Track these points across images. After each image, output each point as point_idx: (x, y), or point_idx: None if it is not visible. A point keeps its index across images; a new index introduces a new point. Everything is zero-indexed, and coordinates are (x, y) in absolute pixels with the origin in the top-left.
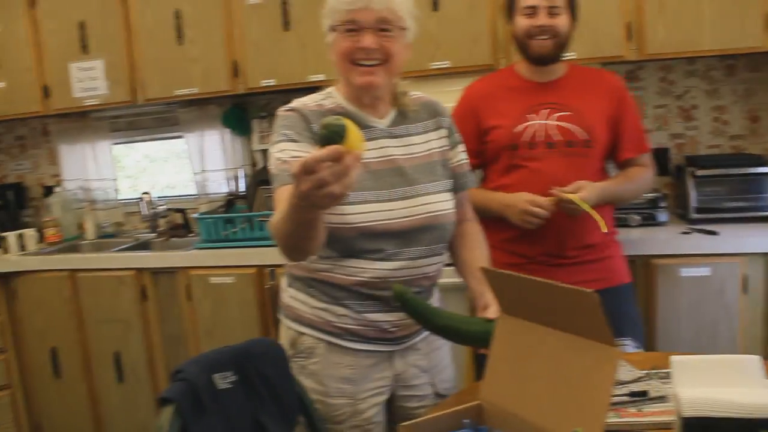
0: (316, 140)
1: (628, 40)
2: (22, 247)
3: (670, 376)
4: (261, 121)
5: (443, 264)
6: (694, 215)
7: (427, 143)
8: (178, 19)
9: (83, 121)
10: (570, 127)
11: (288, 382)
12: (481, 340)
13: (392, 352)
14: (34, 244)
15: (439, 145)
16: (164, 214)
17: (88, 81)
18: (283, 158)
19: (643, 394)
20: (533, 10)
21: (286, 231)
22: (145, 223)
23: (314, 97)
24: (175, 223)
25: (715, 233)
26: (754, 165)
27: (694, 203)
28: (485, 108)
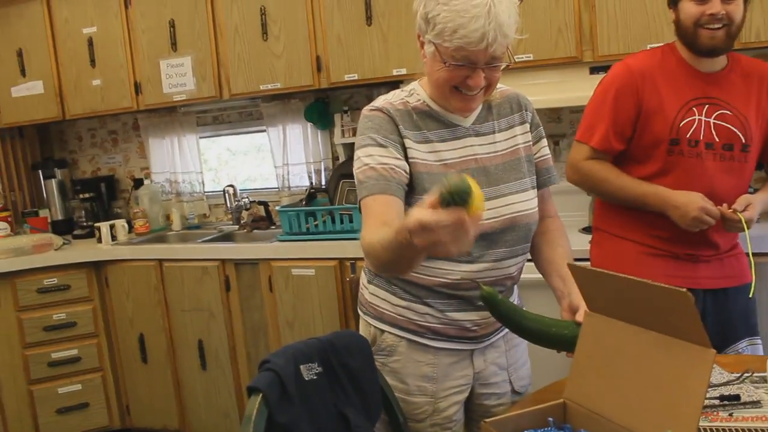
0: (442, 201)
1: None
2: (113, 237)
3: (764, 381)
4: (343, 115)
5: (525, 262)
6: None
7: (513, 139)
8: (263, 16)
9: (171, 116)
10: (730, 128)
11: (372, 376)
12: (570, 344)
13: (473, 350)
14: (124, 234)
15: (523, 141)
16: (247, 206)
17: (177, 77)
18: (372, 164)
19: (736, 398)
20: None
21: (386, 258)
22: (229, 215)
23: (398, 94)
24: (258, 216)
25: None
26: None
27: None
28: (649, 90)
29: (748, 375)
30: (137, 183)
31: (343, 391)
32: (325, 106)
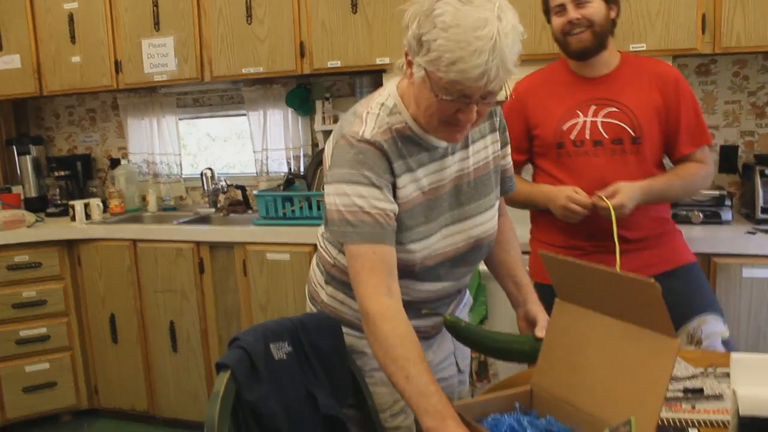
0: None
1: (703, 33)
2: (87, 216)
3: (727, 376)
4: (325, 102)
5: None
6: (760, 215)
7: (484, 150)
8: None
9: (151, 96)
10: (618, 124)
11: (342, 359)
12: (531, 357)
13: (427, 344)
14: (99, 213)
15: (493, 151)
16: (225, 190)
17: (159, 57)
18: (365, 208)
19: (699, 391)
20: (562, 7)
21: (395, 382)
22: (206, 199)
23: (381, 114)
24: (235, 200)
25: None
26: None
27: (761, 203)
28: (533, 105)
29: (712, 370)
30: (114, 163)
31: (313, 372)
32: (306, 93)
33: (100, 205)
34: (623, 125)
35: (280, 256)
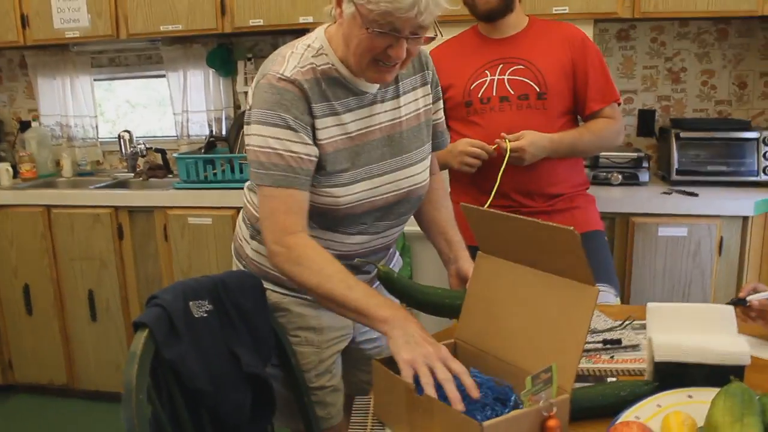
0: None
1: None
2: None
3: (643, 327)
4: (247, 63)
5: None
6: (675, 177)
7: (415, 102)
8: None
9: (63, 54)
10: (524, 80)
11: (264, 317)
12: None
13: None
14: (8, 179)
15: (424, 104)
16: (144, 153)
17: (70, 12)
18: (279, 150)
19: (617, 342)
20: None
21: (329, 305)
22: (124, 163)
23: (305, 54)
24: (154, 164)
25: (695, 195)
26: (739, 130)
27: (676, 165)
28: (443, 70)
29: (629, 322)
30: (24, 125)
31: (234, 330)
32: (228, 53)
33: (10, 170)
34: (529, 81)
35: (202, 221)
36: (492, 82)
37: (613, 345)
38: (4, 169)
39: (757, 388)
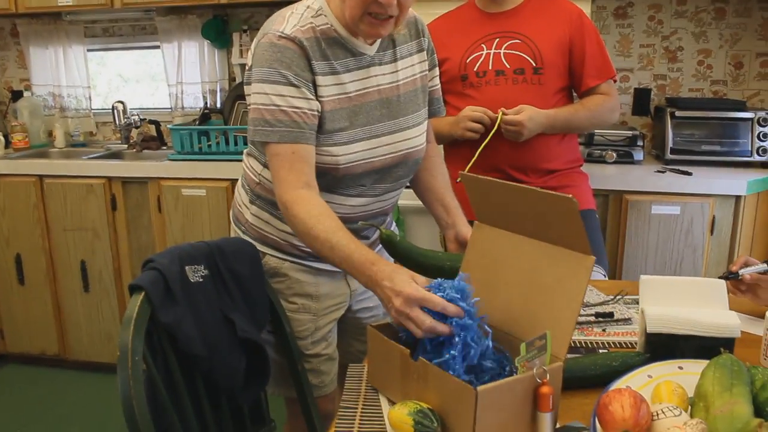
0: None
1: None
2: None
3: (635, 302)
4: (242, 35)
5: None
6: (669, 156)
7: (411, 68)
8: None
9: (56, 23)
10: (520, 54)
11: (260, 284)
12: None
13: None
14: (1, 149)
15: (420, 70)
16: (137, 124)
17: None
18: (283, 107)
19: (609, 315)
20: None
21: (326, 257)
22: (118, 134)
23: (305, 13)
24: (148, 135)
25: (689, 174)
26: (734, 110)
27: (670, 144)
28: (440, 43)
29: (621, 297)
30: (16, 95)
31: (230, 296)
32: (223, 24)
33: (2, 139)
34: (525, 56)
35: (196, 192)
36: (488, 56)
37: (605, 318)
38: None
39: (746, 362)
